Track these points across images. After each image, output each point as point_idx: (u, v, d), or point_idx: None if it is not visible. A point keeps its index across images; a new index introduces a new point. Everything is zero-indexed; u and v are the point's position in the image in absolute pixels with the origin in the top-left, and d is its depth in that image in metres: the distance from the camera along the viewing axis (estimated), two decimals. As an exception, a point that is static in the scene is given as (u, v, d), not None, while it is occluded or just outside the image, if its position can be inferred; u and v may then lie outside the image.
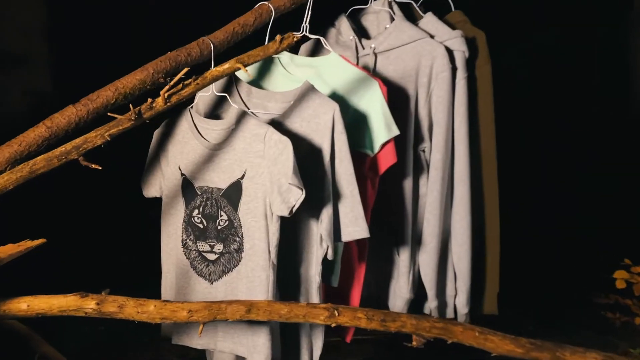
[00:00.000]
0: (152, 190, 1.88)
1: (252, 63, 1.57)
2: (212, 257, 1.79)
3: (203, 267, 1.80)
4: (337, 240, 1.80)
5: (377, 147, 1.90)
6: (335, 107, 1.77)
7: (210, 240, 1.78)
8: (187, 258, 1.82)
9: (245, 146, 1.72)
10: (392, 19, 2.14)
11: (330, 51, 1.97)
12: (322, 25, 2.19)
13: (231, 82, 1.88)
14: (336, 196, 1.78)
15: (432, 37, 2.11)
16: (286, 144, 1.66)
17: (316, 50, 2.18)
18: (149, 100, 1.42)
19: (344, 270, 1.95)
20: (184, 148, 1.81)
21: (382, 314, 1.50)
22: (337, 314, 1.48)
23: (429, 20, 2.15)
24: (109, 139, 1.41)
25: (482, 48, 2.18)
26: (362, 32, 2.20)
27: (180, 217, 1.82)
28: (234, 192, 1.74)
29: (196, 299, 1.79)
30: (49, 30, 3.69)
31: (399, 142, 2.05)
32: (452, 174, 2.11)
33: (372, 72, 2.09)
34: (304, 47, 2.20)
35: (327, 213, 1.76)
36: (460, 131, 2.09)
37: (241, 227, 1.74)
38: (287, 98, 1.83)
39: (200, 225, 1.79)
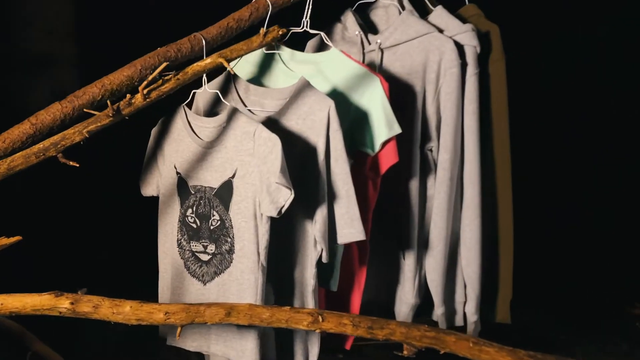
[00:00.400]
0: (149, 189, 1.85)
1: (235, 58, 1.52)
2: (205, 257, 1.75)
3: (196, 268, 1.76)
4: (333, 242, 1.73)
5: (377, 146, 1.83)
6: (330, 103, 1.71)
7: (203, 241, 1.74)
8: (181, 258, 1.78)
9: (236, 144, 1.68)
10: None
11: (330, 47, 1.91)
12: (328, 20, 2.13)
13: (229, 80, 1.84)
14: (332, 197, 1.72)
15: (441, 31, 2.02)
16: (275, 142, 1.61)
17: (322, 46, 2.12)
18: (128, 96, 1.39)
19: (344, 274, 1.88)
20: (179, 146, 1.77)
21: (369, 320, 1.43)
22: (321, 319, 1.41)
23: (439, 14, 2.05)
24: (87, 135, 1.38)
25: (495, 43, 2.08)
26: (370, 27, 2.13)
27: (176, 217, 1.79)
28: (226, 191, 1.70)
29: (189, 300, 1.76)
30: (76, 30, 3.74)
31: (405, 141, 1.97)
32: (462, 174, 2.02)
33: (379, 68, 2.02)
34: (311, 44, 2.14)
35: (321, 214, 1.69)
36: (470, 130, 1.99)
37: (232, 227, 1.69)
38: (283, 95, 1.77)
39: (194, 225, 1.75)
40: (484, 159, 2.06)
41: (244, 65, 1.95)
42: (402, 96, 1.99)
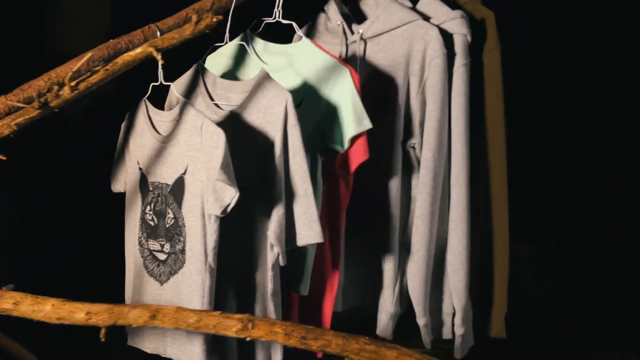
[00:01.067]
0: (118, 185, 1.82)
1: (167, 47, 1.45)
2: (162, 257, 1.69)
3: (154, 267, 1.70)
4: (292, 244, 1.63)
5: (346, 143, 1.70)
6: (287, 97, 1.60)
7: (160, 239, 1.68)
8: (141, 256, 1.73)
9: (186, 139, 1.61)
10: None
11: (301, 37, 1.80)
12: (314, 10, 2.02)
13: (198, 72, 1.78)
14: (290, 196, 1.62)
15: (428, 19, 1.87)
16: (220, 136, 1.52)
17: (309, 37, 2.02)
18: (55, 88, 1.35)
19: (315, 278, 1.77)
20: (141, 141, 1.73)
21: (303, 329, 1.32)
22: (251, 326, 1.32)
23: (427, 1, 1.90)
24: (15, 128, 1.35)
25: (490, 30, 1.90)
26: (360, 17, 2.00)
27: (138, 213, 1.74)
28: (179, 188, 1.63)
29: (147, 300, 1.71)
30: (112, 30, 3.80)
31: (386, 137, 1.84)
32: (450, 174, 1.85)
33: (361, 59, 1.89)
34: (298, 35, 2.04)
35: (277, 214, 1.59)
36: (457, 126, 1.83)
37: (184, 226, 1.62)
38: (245, 88, 1.69)
39: (152, 223, 1.70)
40: (477, 156, 1.90)
41: (219, 58, 1.88)
42: (384, 89, 1.86)
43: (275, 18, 1.82)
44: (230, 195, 1.51)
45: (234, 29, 1.86)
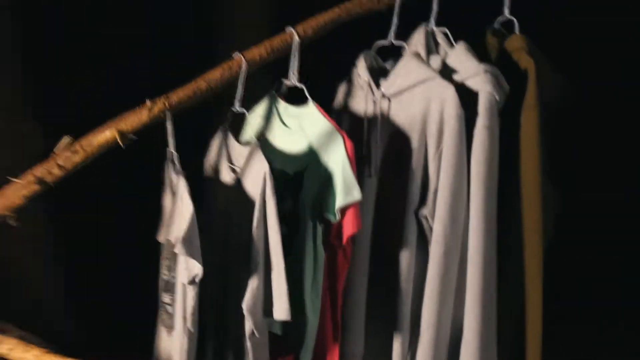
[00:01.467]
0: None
1: (133, 130, 1.51)
2: (170, 309, 1.79)
3: (166, 318, 1.82)
4: (270, 316, 1.61)
5: (337, 213, 1.62)
6: (265, 168, 1.59)
7: (169, 293, 1.79)
8: (160, 306, 1.87)
9: (179, 202, 1.69)
10: (426, 54, 1.76)
11: (308, 100, 1.75)
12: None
13: (222, 135, 1.85)
14: (267, 268, 1.60)
15: (453, 73, 1.68)
16: (189, 208, 1.57)
17: (349, 92, 1.95)
18: (48, 166, 1.53)
19: (318, 349, 1.72)
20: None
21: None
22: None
23: (458, 52, 1.70)
24: (24, 200, 1.55)
25: (531, 85, 1.63)
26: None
27: (165, 266, 1.88)
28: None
29: (161, 347, 1.83)
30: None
31: (399, 205, 1.70)
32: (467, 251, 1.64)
33: (385, 118, 1.77)
34: (341, 88, 1.98)
35: (251, 286, 1.59)
36: (476, 197, 1.61)
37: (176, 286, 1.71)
38: (244, 155, 1.71)
39: (165, 277, 1.82)
40: (508, 231, 1.64)
41: (254, 118, 1.92)
42: (401, 151, 1.72)
43: (291, 81, 1.79)
44: (198, 268, 1.56)
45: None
